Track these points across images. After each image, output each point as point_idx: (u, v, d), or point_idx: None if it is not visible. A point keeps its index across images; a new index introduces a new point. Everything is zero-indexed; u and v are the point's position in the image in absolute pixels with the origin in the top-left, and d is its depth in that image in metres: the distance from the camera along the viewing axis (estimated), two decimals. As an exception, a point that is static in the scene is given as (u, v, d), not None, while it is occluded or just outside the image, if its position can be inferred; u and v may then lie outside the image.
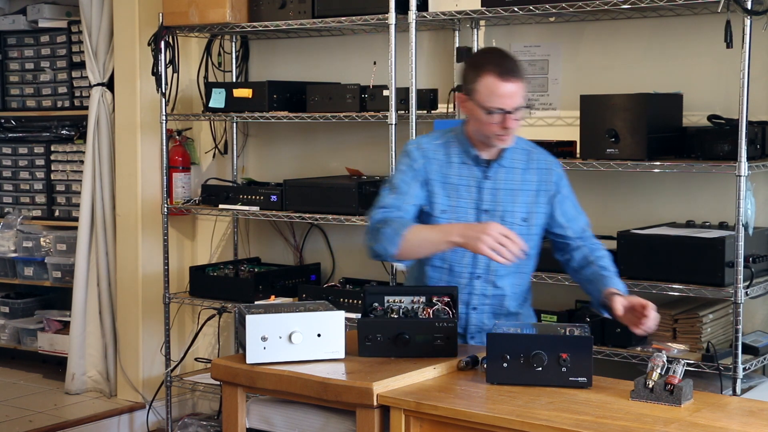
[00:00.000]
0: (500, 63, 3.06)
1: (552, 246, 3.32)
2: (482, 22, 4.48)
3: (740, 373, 3.56)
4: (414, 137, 4.14)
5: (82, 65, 5.62)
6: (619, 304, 3.00)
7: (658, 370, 2.66)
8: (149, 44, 4.96)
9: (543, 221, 3.23)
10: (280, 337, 2.90)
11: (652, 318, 2.93)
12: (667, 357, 2.71)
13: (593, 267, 3.19)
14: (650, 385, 2.64)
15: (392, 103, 4.29)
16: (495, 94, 3.03)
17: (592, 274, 3.19)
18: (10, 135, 6.16)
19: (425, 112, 4.43)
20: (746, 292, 3.59)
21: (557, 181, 3.24)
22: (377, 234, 3.10)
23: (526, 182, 3.20)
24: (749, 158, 3.56)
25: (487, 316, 3.22)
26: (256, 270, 4.99)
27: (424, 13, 4.21)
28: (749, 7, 3.48)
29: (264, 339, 2.89)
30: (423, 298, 3.10)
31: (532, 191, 3.20)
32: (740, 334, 3.57)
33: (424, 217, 3.22)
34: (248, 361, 2.90)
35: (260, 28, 4.73)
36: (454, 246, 3.04)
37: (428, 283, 3.24)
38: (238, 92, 4.79)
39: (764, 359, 3.75)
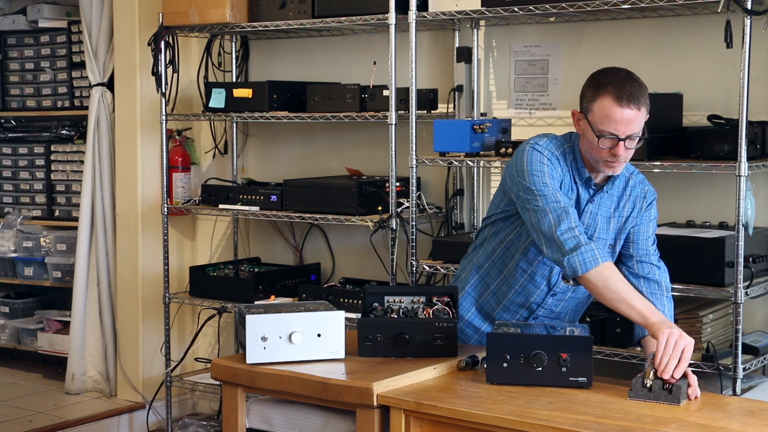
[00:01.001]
0: (622, 86, 2.90)
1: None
2: (482, 22, 4.48)
3: (740, 373, 3.56)
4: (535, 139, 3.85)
5: (82, 65, 5.62)
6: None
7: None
8: (149, 44, 4.96)
9: (622, 245, 3.17)
10: (280, 337, 2.90)
11: (694, 386, 2.76)
12: None
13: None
14: (648, 384, 2.65)
15: (392, 103, 4.29)
16: (609, 119, 2.89)
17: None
18: (10, 135, 6.16)
19: (425, 112, 4.43)
20: (746, 292, 3.59)
21: (647, 207, 3.15)
22: (580, 251, 2.91)
23: (620, 209, 3.13)
24: (749, 158, 3.55)
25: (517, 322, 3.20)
26: (256, 270, 4.98)
27: (424, 13, 4.20)
28: (749, 7, 3.48)
29: (264, 339, 2.90)
30: (423, 298, 3.11)
31: (623, 218, 3.14)
32: (740, 334, 3.57)
33: (517, 223, 3.16)
34: (248, 361, 2.90)
35: (260, 28, 4.73)
36: (632, 319, 2.92)
37: (508, 279, 3.19)
38: (238, 92, 4.78)
39: (764, 359, 3.75)
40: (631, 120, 2.90)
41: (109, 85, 5.35)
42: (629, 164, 3.18)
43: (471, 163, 4.12)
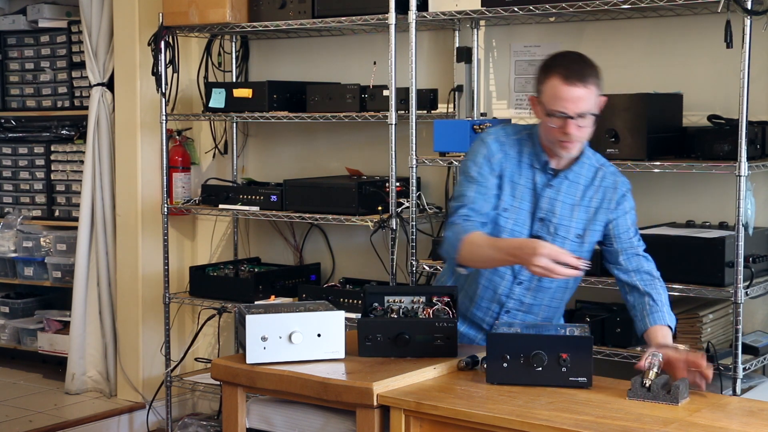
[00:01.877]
0: (568, 66, 2.97)
1: (601, 254, 3.24)
2: (482, 22, 4.48)
3: (740, 373, 3.56)
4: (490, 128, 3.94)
5: (82, 65, 5.62)
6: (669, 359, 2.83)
7: (655, 369, 2.67)
8: (149, 44, 4.96)
9: (597, 238, 3.16)
10: (280, 337, 2.90)
11: (709, 373, 2.81)
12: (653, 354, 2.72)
13: (643, 297, 3.09)
14: (647, 384, 2.65)
15: (392, 103, 4.29)
16: (558, 98, 2.95)
17: (639, 303, 3.10)
18: (10, 135, 6.16)
19: (425, 112, 4.43)
20: (746, 292, 3.59)
21: (619, 199, 3.15)
22: (445, 237, 3.08)
23: (587, 199, 3.13)
24: (749, 158, 3.56)
25: (518, 322, 3.19)
26: (256, 270, 4.99)
27: (424, 13, 4.21)
28: (749, 7, 3.48)
29: (264, 339, 2.90)
30: (423, 298, 3.10)
31: (592, 208, 3.13)
32: (740, 334, 3.57)
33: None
34: (248, 361, 2.90)
35: (260, 28, 4.73)
36: (507, 264, 3.02)
37: (479, 277, 3.19)
38: (238, 92, 4.79)
39: (764, 359, 3.75)
40: (580, 98, 2.95)
41: (109, 85, 5.35)
42: (600, 156, 3.21)
43: (471, 163, 4.11)
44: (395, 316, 3.04)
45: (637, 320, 3.09)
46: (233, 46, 5.27)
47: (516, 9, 3.95)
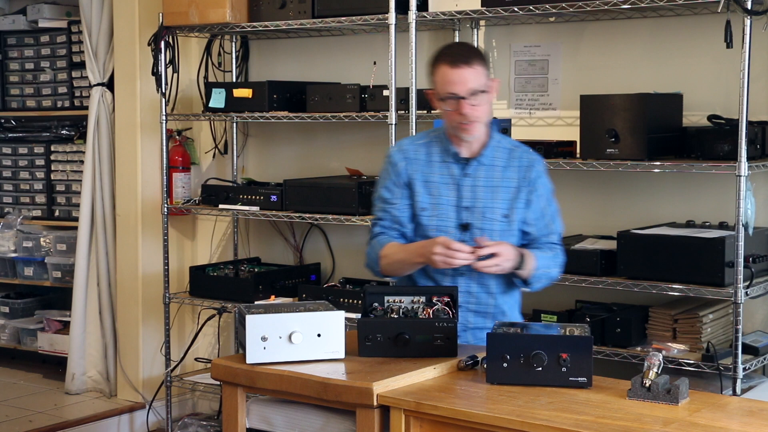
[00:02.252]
0: (450, 52, 3.14)
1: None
2: (482, 22, 4.48)
3: (740, 373, 3.56)
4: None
5: (82, 65, 5.62)
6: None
7: (655, 369, 2.67)
8: (149, 44, 4.96)
9: (523, 216, 3.24)
10: (280, 337, 2.90)
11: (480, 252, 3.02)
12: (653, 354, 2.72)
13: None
14: (647, 384, 2.65)
15: (392, 103, 4.29)
16: (447, 81, 3.10)
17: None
18: (10, 135, 6.16)
19: (425, 112, 4.43)
20: (746, 292, 3.59)
21: (535, 178, 3.23)
22: (366, 255, 3.31)
23: (507, 179, 3.22)
24: (749, 158, 3.56)
25: (471, 314, 3.22)
26: (256, 270, 4.99)
27: (424, 13, 4.21)
28: (749, 7, 3.48)
29: (264, 339, 2.89)
30: (423, 298, 3.10)
31: (513, 188, 3.21)
32: (740, 334, 3.57)
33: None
34: (248, 361, 2.90)
35: (260, 28, 4.73)
36: (419, 265, 3.17)
37: (416, 279, 3.27)
38: (238, 92, 4.79)
39: (764, 359, 3.75)
40: (466, 78, 3.08)
41: (109, 85, 5.35)
42: (512, 139, 3.34)
43: (471, 163, 4.11)
44: (395, 316, 3.04)
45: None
46: (233, 46, 5.28)
47: (516, 9, 3.95)
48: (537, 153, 3.30)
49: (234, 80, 5.25)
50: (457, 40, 4.50)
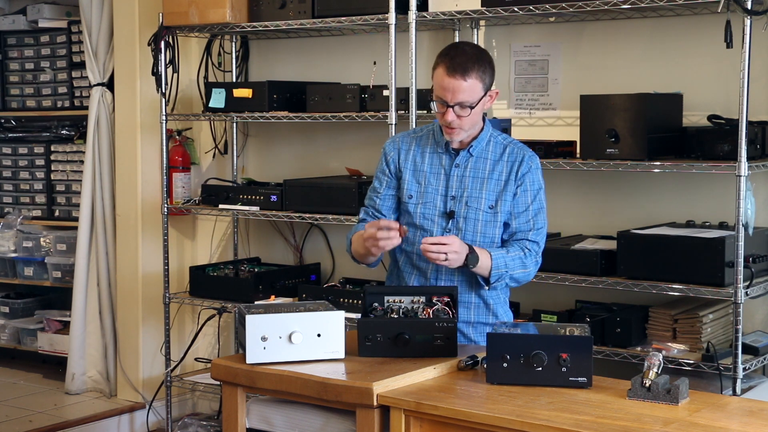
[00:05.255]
0: (453, 57, 3.11)
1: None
2: (482, 22, 4.48)
3: (740, 373, 3.56)
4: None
5: (82, 65, 5.62)
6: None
7: (655, 369, 2.67)
8: (149, 44, 4.96)
9: (509, 209, 3.25)
10: (280, 337, 2.90)
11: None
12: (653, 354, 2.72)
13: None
14: (647, 384, 2.65)
15: (392, 103, 4.29)
16: (439, 86, 3.12)
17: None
18: (10, 135, 6.16)
19: (425, 112, 4.43)
20: (746, 292, 3.59)
21: (526, 172, 3.25)
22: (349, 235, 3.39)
23: (496, 172, 3.24)
24: (749, 158, 3.56)
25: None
26: (256, 270, 4.99)
27: (424, 13, 4.21)
28: (749, 7, 3.48)
29: (264, 339, 2.89)
30: (423, 298, 3.11)
31: (502, 181, 3.24)
32: (740, 334, 3.57)
33: (402, 204, 3.33)
34: (248, 361, 2.90)
35: (260, 28, 4.73)
36: (374, 255, 3.22)
37: (401, 266, 3.33)
38: (238, 92, 4.79)
39: (764, 359, 3.75)
40: (457, 89, 3.10)
41: (109, 85, 5.35)
42: (509, 136, 3.34)
43: (471, 163, 4.11)
44: (395, 316, 3.04)
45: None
46: (233, 46, 5.28)
47: (516, 9, 3.95)
48: (533, 151, 3.31)
49: (234, 80, 5.25)
50: (457, 40, 4.50)
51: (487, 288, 3.21)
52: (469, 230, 3.22)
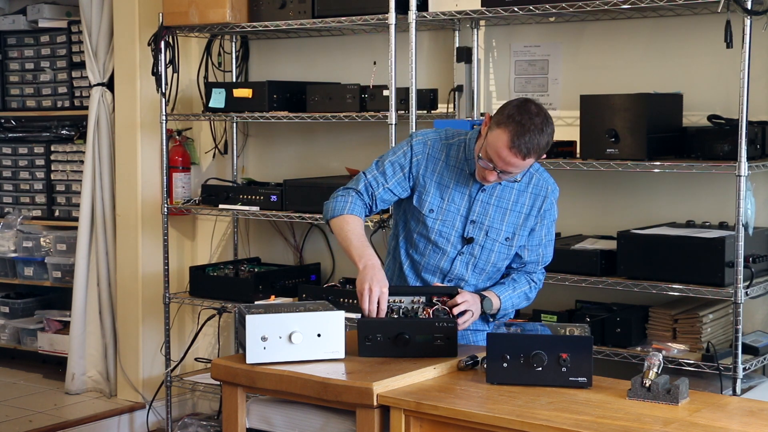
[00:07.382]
0: (521, 135, 2.94)
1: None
2: (482, 22, 4.48)
3: (740, 373, 3.56)
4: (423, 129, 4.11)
5: (82, 65, 5.62)
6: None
7: (655, 369, 2.67)
8: (149, 44, 4.96)
9: (523, 242, 3.27)
10: (280, 337, 2.90)
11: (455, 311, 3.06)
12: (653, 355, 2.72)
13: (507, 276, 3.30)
14: (647, 384, 2.65)
15: (392, 103, 4.29)
16: (494, 150, 3.00)
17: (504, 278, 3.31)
18: (10, 135, 6.16)
19: (425, 112, 4.43)
20: (746, 292, 3.59)
21: (548, 208, 3.26)
22: (336, 196, 3.24)
23: (519, 204, 3.22)
24: (749, 158, 3.56)
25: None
26: (256, 270, 4.99)
27: (424, 13, 4.21)
28: (749, 7, 3.48)
29: (264, 339, 2.89)
30: (423, 298, 3.11)
31: (523, 214, 3.23)
32: (740, 334, 3.57)
33: (408, 209, 3.26)
34: (248, 361, 2.90)
35: (260, 28, 4.73)
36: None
37: (405, 271, 3.30)
38: (238, 92, 4.79)
39: (764, 359, 3.75)
40: (512, 164, 3.01)
41: (109, 85, 5.35)
42: (537, 164, 3.23)
43: (471, 163, 4.11)
44: (395, 316, 3.04)
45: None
46: (233, 46, 5.27)
47: (516, 9, 3.95)
48: (554, 181, 3.29)
49: (234, 80, 5.25)
50: (456, 40, 4.51)
51: (490, 320, 3.27)
52: (482, 259, 3.22)
